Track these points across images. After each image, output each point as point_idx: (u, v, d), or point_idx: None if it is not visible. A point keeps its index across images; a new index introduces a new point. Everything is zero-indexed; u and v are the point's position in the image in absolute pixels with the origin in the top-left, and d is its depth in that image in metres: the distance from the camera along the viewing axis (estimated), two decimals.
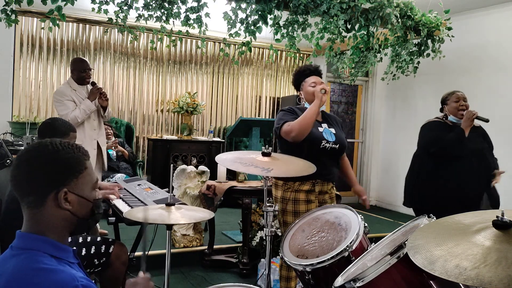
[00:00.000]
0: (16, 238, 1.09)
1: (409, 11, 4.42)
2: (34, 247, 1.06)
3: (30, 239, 1.08)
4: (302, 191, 2.42)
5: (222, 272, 3.55)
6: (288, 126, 2.38)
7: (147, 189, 2.68)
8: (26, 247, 1.06)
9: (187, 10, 3.83)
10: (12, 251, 1.08)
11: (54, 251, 1.07)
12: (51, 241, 1.08)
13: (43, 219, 1.09)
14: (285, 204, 2.44)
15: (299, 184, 2.42)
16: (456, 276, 0.98)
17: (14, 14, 3.44)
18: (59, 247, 1.09)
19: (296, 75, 2.65)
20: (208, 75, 6.34)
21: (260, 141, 4.86)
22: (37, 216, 1.09)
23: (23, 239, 1.08)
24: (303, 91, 2.59)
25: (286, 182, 2.44)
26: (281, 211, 2.46)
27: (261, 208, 3.78)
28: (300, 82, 2.62)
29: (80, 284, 1.00)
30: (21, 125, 4.80)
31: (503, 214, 1.08)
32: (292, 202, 2.42)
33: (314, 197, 2.45)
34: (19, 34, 5.17)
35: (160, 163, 5.68)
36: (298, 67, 2.71)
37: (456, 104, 3.03)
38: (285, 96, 6.74)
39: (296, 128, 2.35)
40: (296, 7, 3.91)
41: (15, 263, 1.03)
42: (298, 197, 2.42)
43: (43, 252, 1.05)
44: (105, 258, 2.17)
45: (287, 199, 2.43)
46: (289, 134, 2.37)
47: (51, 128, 2.30)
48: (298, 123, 2.36)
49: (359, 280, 1.31)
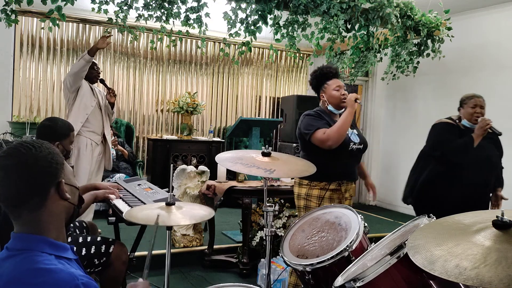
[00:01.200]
0: (12, 239, 1.08)
1: (409, 11, 4.42)
2: (32, 247, 1.05)
3: (27, 239, 1.07)
4: (328, 190, 2.48)
5: (222, 272, 3.55)
6: (324, 135, 2.41)
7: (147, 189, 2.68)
8: (24, 248, 1.05)
9: (187, 10, 3.83)
10: (8, 252, 1.06)
11: (51, 250, 1.07)
12: (48, 240, 1.08)
13: (46, 219, 1.09)
14: (309, 200, 2.50)
15: (325, 184, 2.48)
16: (456, 276, 0.98)
17: (14, 14, 3.44)
18: (57, 245, 1.09)
19: (318, 77, 2.64)
20: (208, 75, 6.34)
21: (260, 141, 4.86)
22: (39, 217, 1.09)
23: (20, 240, 1.07)
24: (326, 94, 2.59)
25: (311, 181, 2.50)
26: (304, 208, 2.52)
27: (261, 208, 3.78)
28: (321, 84, 2.62)
29: (81, 282, 1.00)
30: (21, 125, 4.81)
31: (503, 214, 1.08)
32: (317, 199, 2.48)
33: (337, 196, 2.51)
34: (19, 34, 5.17)
35: (160, 163, 5.67)
36: (318, 68, 2.67)
37: (472, 110, 2.94)
38: (285, 96, 6.74)
39: (334, 138, 2.39)
40: (296, 7, 3.92)
41: (13, 264, 1.03)
42: (323, 195, 2.47)
43: (41, 251, 1.05)
44: (105, 258, 2.17)
45: (311, 196, 2.49)
46: (326, 143, 2.41)
47: (51, 130, 2.29)
48: (336, 132, 2.39)
49: (359, 280, 1.31)
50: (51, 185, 1.10)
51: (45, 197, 1.09)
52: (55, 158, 1.13)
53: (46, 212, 1.09)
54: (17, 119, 5.00)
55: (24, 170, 1.06)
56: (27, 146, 1.09)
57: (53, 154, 1.13)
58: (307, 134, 2.48)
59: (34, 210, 1.08)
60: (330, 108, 2.58)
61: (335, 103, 2.56)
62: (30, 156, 1.07)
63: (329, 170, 2.43)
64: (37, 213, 1.08)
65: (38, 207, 1.08)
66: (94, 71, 3.68)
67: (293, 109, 6.12)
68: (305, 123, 2.52)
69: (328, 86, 2.59)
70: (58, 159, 1.14)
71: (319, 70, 2.64)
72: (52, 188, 1.10)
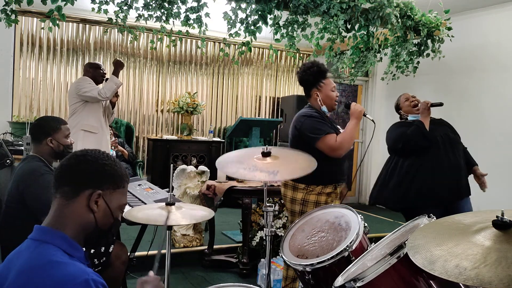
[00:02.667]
0: (34, 230, 1.13)
1: (409, 11, 4.42)
2: (49, 240, 1.09)
3: (47, 232, 1.11)
4: (324, 194, 2.44)
5: (222, 272, 3.55)
6: (337, 143, 2.37)
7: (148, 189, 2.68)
8: (41, 239, 1.09)
9: (187, 10, 3.83)
10: (28, 243, 1.11)
11: (67, 248, 1.10)
12: (66, 237, 1.11)
13: (68, 213, 1.13)
14: (305, 206, 2.44)
15: (322, 188, 2.43)
16: (456, 276, 0.98)
17: (14, 14, 3.44)
18: (73, 245, 1.12)
19: (314, 73, 2.54)
20: (208, 75, 6.34)
21: (260, 141, 4.86)
22: (64, 208, 1.13)
23: (40, 232, 1.12)
24: (321, 94, 2.53)
25: (308, 185, 2.43)
26: (299, 213, 2.45)
27: (261, 208, 3.78)
28: (317, 82, 2.55)
29: (91, 278, 1.02)
30: (21, 125, 4.80)
31: (503, 214, 1.08)
32: (314, 204, 2.42)
33: (334, 197, 2.48)
34: (19, 34, 5.17)
35: (160, 163, 5.67)
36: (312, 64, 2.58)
37: (408, 102, 3.06)
38: (285, 96, 6.74)
39: (346, 147, 2.38)
40: (296, 7, 3.91)
41: (28, 254, 1.06)
42: (320, 199, 2.43)
43: (58, 247, 1.08)
44: (105, 258, 2.17)
45: (308, 201, 2.43)
46: (336, 151, 2.38)
47: (41, 126, 2.25)
48: (348, 142, 2.40)
49: (359, 280, 1.31)
50: (87, 187, 1.14)
51: (76, 193, 1.14)
52: (113, 174, 1.19)
53: (71, 207, 1.14)
54: (17, 119, 5.00)
55: (81, 161, 1.17)
56: (103, 153, 1.21)
57: (114, 171, 1.19)
58: (314, 139, 2.39)
59: (64, 198, 1.14)
60: (323, 109, 2.54)
61: (329, 104, 2.52)
62: (93, 156, 1.18)
63: (325, 173, 2.38)
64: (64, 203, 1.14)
65: (68, 197, 1.14)
66: (100, 71, 3.75)
67: (293, 109, 6.12)
68: (310, 126, 2.42)
69: (325, 85, 2.53)
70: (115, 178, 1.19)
71: (315, 67, 2.55)
72: (86, 191, 1.14)
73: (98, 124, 3.65)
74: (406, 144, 2.88)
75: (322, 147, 2.39)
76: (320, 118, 2.48)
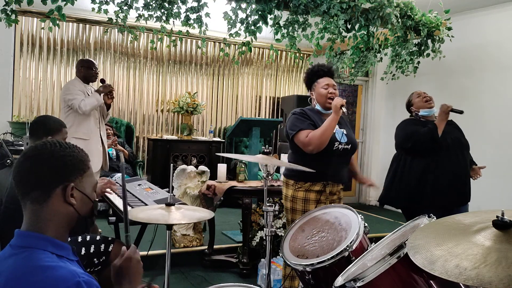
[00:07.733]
0: (15, 236, 1.10)
1: (409, 11, 4.42)
2: (33, 245, 1.06)
3: (29, 237, 1.08)
4: (313, 191, 2.43)
5: (222, 272, 3.55)
6: (307, 139, 2.36)
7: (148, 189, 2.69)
8: (26, 245, 1.06)
9: (187, 10, 3.83)
10: (11, 250, 1.07)
11: (53, 249, 1.07)
12: (50, 239, 1.09)
13: (45, 216, 1.10)
14: (295, 203, 2.45)
15: (310, 185, 2.43)
16: (456, 276, 0.98)
17: (14, 14, 3.44)
18: (58, 245, 1.10)
19: (309, 74, 2.60)
20: (208, 75, 6.34)
21: (260, 141, 4.86)
22: (39, 212, 1.10)
23: (22, 238, 1.08)
24: (315, 92, 2.55)
25: (297, 181, 2.45)
26: (290, 210, 2.47)
27: (261, 208, 3.78)
28: (313, 82, 2.58)
29: (82, 280, 1.00)
30: (21, 125, 4.80)
31: (503, 214, 1.08)
32: (302, 201, 2.43)
33: (324, 197, 2.46)
34: (19, 34, 5.17)
35: (160, 163, 5.67)
36: (312, 66, 2.64)
37: (420, 98, 3.01)
38: (285, 96, 6.74)
39: (315, 143, 2.34)
40: (296, 7, 3.91)
41: (14, 261, 1.03)
42: (308, 196, 2.42)
43: (43, 249, 1.06)
44: (104, 257, 2.17)
45: (297, 198, 2.44)
46: (307, 147, 2.36)
47: (43, 125, 2.28)
48: (319, 138, 2.33)
49: (359, 280, 1.31)
50: (57, 184, 1.11)
51: (48, 193, 1.10)
52: (75, 162, 1.14)
53: (46, 209, 1.10)
54: (17, 119, 5.00)
55: (38, 162, 1.10)
56: (53, 143, 1.14)
57: (74, 158, 1.14)
58: (290, 135, 2.45)
59: (36, 203, 1.10)
60: (317, 107, 2.54)
61: (321, 101, 2.51)
62: (48, 152, 1.12)
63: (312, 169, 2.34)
64: (38, 207, 1.10)
65: (40, 201, 1.10)
66: (92, 71, 3.68)
67: (293, 109, 6.09)
68: (291, 122, 2.49)
69: (318, 84, 2.54)
70: (78, 165, 1.15)
71: (311, 68, 2.61)
72: (58, 188, 1.11)
73: (88, 131, 3.61)
74: (416, 144, 2.86)
75: (297, 142, 2.42)
76: (302, 115, 2.48)
